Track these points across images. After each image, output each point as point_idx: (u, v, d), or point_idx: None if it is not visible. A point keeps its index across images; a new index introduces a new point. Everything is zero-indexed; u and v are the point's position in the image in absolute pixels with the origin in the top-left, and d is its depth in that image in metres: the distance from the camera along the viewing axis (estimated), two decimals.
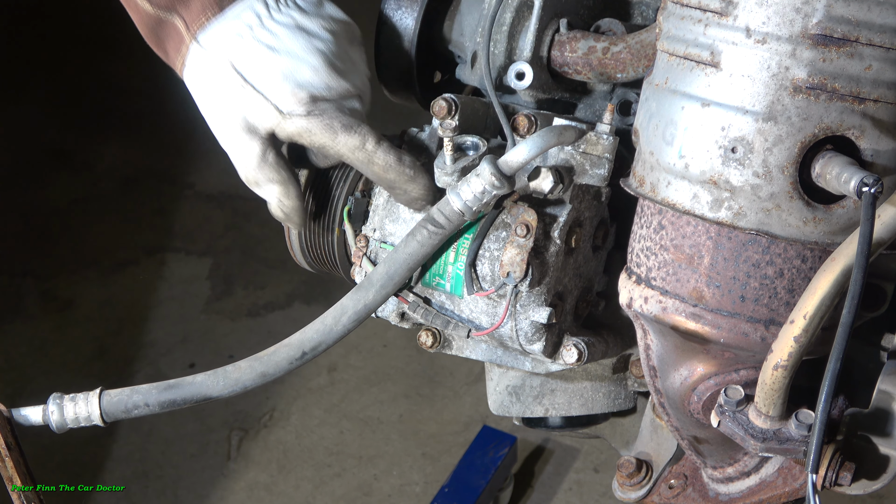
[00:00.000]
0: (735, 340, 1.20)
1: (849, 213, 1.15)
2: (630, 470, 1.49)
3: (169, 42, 1.34)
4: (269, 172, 1.36)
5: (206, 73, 1.33)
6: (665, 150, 1.20)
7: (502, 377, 1.54)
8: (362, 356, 3.50)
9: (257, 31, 1.32)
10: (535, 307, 1.33)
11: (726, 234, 1.18)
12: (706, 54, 1.16)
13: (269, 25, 1.32)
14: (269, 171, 1.36)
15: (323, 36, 1.34)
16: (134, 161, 4.38)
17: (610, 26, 1.43)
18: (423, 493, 3.07)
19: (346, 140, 1.33)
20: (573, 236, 1.35)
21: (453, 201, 1.27)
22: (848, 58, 1.11)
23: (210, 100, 1.34)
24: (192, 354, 3.51)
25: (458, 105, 1.33)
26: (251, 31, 1.32)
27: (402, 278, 1.32)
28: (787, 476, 1.33)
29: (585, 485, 3.10)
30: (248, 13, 1.32)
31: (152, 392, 1.31)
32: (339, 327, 1.31)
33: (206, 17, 1.31)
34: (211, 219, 4.08)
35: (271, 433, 3.27)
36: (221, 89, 1.32)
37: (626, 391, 1.54)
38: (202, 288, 3.80)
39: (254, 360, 1.31)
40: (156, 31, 1.34)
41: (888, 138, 1.14)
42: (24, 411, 1.30)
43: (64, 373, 3.42)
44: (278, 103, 1.31)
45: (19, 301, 3.74)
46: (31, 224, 4.09)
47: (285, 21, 1.33)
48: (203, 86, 1.34)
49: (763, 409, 1.16)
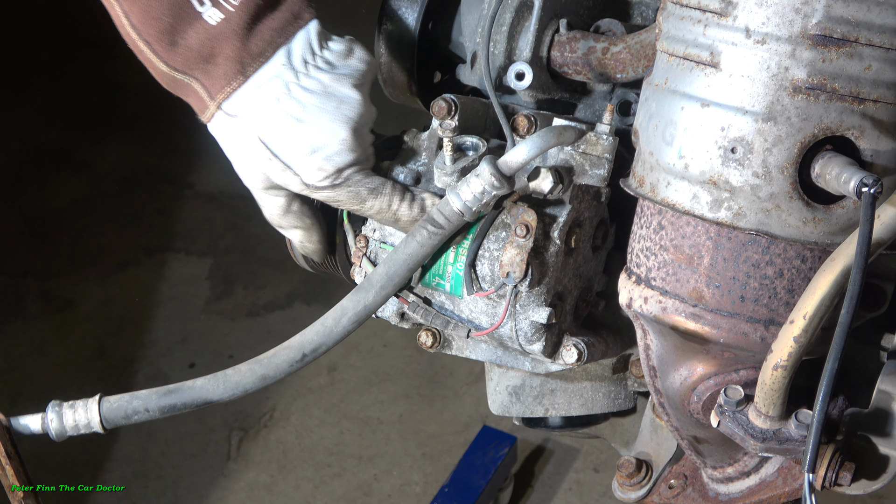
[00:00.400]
0: (735, 340, 1.20)
1: (848, 213, 1.16)
2: (630, 470, 1.49)
3: (189, 99, 1.29)
4: (293, 220, 1.39)
5: (233, 137, 1.29)
6: (665, 150, 1.20)
7: (502, 377, 1.54)
8: (362, 356, 3.50)
9: (284, 102, 1.27)
10: (534, 307, 1.33)
11: (726, 234, 1.18)
12: (706, 55, 1.16)
13: (297, 94, 1.27)
14: (293, 219, 1.39)
15: (351, 97, 1.29)
16: (134, 161, 4.38)
17: (610, 26, 1.43)
18: (423, 493, 3.07)
19: (373, 204, 1.33)
20: (573, 236, 1.35)
21: (453, 202, 1.27)
22: (847, 58, 1.11)
23: (237, 159, 1.32)
24: (192, 354, 3.51)
25: (458, 105, 1.33)
26: (278, 103, 1.26)
27: (402, 279, 1.32)
28: (787, 476, 1.33)
29: (585, 485, 3.10)
30: (276, 82, 1.26)
31: (152, 397, 1.30)
32: (339, 329, 1.31)
33: (230, 87, 1.26)
34: (211, 219, 4.08)
35: (271, 433, 3.27)
36: (249, 156, 1.30)
37: (626, 391, 1.54)
38: (202, 288, 3.81)
39: (254, 363, 1.31)
40: (172, 87, 1.29)
41: (888, 138, 1.14)
42: (24, 420, 1.29)
43: (64, 373, 3.42)
44: (305, 177, 1.29)
45: (19, 301, 3.74)
46: (31, 224, 4.09)
47: (314, 87, 1.28)
48: (230, 146, 1.31)
49: (763, 409, 1.16)
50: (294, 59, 1.27)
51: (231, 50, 1.24)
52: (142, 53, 1.26)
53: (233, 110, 1.28)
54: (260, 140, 1.28)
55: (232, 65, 1.25)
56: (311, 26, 1.28)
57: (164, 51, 1.24)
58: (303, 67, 1.28)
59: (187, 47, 1.24)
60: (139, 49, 1.26)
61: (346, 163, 1.30)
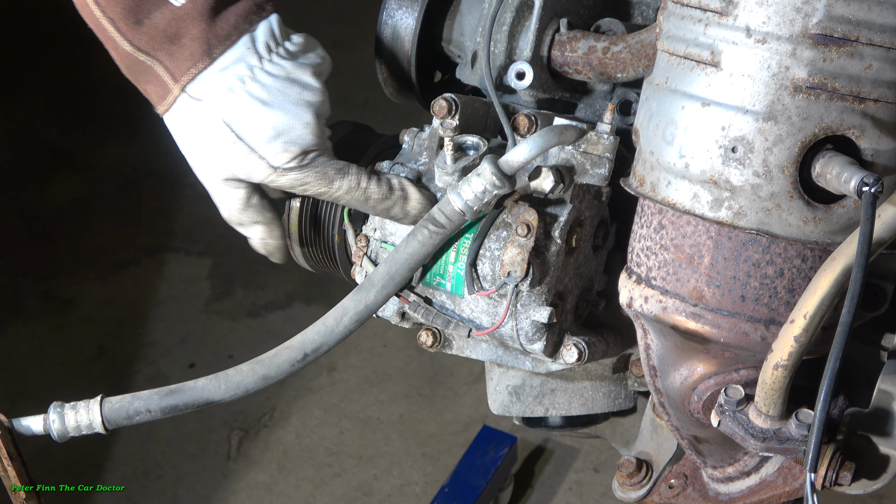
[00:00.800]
0: (735, 340, 1.20)
1: (849, 212, 1.16)
2: (630, 470, 1.49)
3: (149, 85, 1.29)
4: (254, 215, 1.38)
5: (195, 123, 1.29)
6: (665, 149, 1.20)
7: (503, 377, 1.54)
8: (362, 356, 3.49)
9: (249, 85, 1.28)
10: (535, 307, 1.33)
11: (726, 233, 1.18)
12: (706, 54, 1.16)
13: (261, 78, 1.28)
14: (254, 213, 1.38)
15: (313, 86, 1.31)
16: (134, 161, 4.37)
17: (610, 26, 1.43)
18: (423, 493, 3.07)
19: (342, 184, 1.33)
20: (574, 236, 1.35)
21: (454, 201, 1.27)
22: (848, 57, 1.12)
23: (197, 148, 1.31)
24: (192, 354, 3.51)
25: (459, 105, 1.33)
26: (243, 85, 1.27)
27: (403, 278, 1.32)
28: (788, 476, 1.33)
29: (585, 485, 3.10)
30: (240, 66, 1.27)
31: (153, 398, 1.30)
32: (340, 328, 1.31)
33: (195, 68, 1.26)
34: (211, 219, 4.04)
35: (271, 433, 3.27)
36: (211, 142, 1.29)
37: (626, 391, 1.54)
38: (202, 288, 3.80)
39: (255, 363, 1.31)
40: (133, 72, 1.29)
41: (888, 138, 1.14)
42: (25, 421, 1.29)
43: (64, 373, 3.42)
44: (271, 160, 1.29)
45: (19, 301, 3.73)
46: (31, 224, 4.09)
47: (277, 72, 1.29)
48: (190, 134, 1.30)
49: (763, 409, 1.16)
50: (258, 44, 1.28)
51: (197, 31, 1.25)
52: (104, 32, 1.25)
53: (197, 93, 1.28)
54: (224, 123, 1.28)
55: (198, 45, 1.25)
56: (272, 18, 1.30)
57: (128, 29, 1.24)
58: (266, 54, 1.29)
59: (153, 26, 1.24)
60: (101, 28, 1.25)
61: (311, 145, 1.31)
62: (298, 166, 1.31)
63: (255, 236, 1.41)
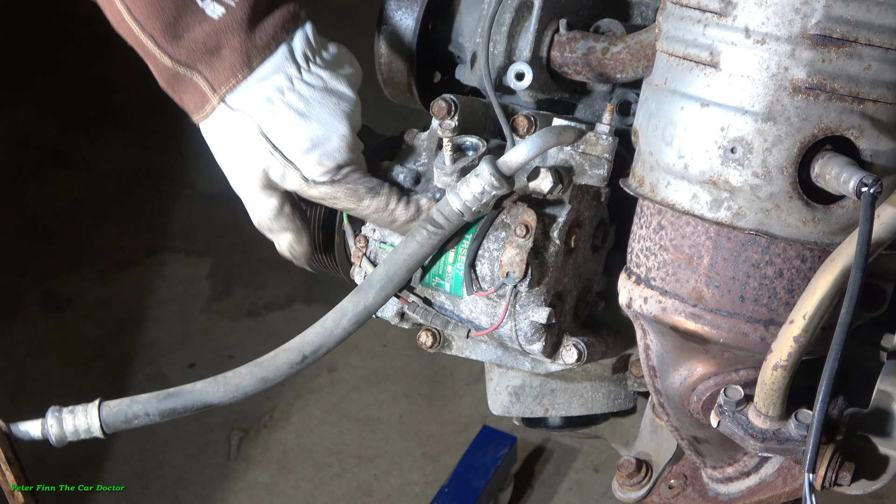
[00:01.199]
0: (734, 340, 1.20)
1: (848, 213, 1.16)
2: (630, 470, 1.49)
3: (187, 95, 1.29)
4: (285, 223, 1.38)
5: (232, 133, 1.29)
6: (664, 150, 1.20)
7: (502, 377, 1.54)
8: (362, 356, 3.49)
9: (288, 96, 1.28)
10: (534, 307, 1.33)
11: (726, 234, 1.18)
12: (705, 55, 1.16)
13: (300, 89, 1.28)
14: (285, 221, 1.38)
15: (349, 97, 1.31)
16: (134, 161, 4.37)
17: (609, 27, 1.43)
18: (423, 493, 3.07)
19: (370, 203, 1.33)
20: (572, 236, 1.35)
21: (452, 202, 1.27)
22: (847, 58, 1.11)
23: (232, 157, 1.32)
24: (192, 354, 3.51)
25: (458, 105, 1.33)
26: (282, 96, 1.28)
27: (402, 279, 1.32)
28: (787, 476, 1.33)
29: (585, 485, 3.10)
30: (279, 76, 1.27)
31: (152, 401, 1.30)
32: (339, 330, 1.31)
33: (235, 79, 1.26)
34: (211, 219, 4.07)
35: (271, 433, 3.27)
36: (247, 151, 1.30)
37: (625, 391, 1.54)
38: (202, 288, 3.80)
39: (254, 366, 1.31)
40: (172, 84, 1.29)
41: (887, 138, 1.14)
42: (23, 426, 1.28)
43: (64, 373, 3.42)
44: (305, 171, 1.30)
45: (19, 301, 3.73)
46: (31, 224, 4.09)
47: (315, 83, 1.29)
48: (226, 143, 1.31)
49: (763, 409, 1.16)
50: (297, 54, 1.29)
51: (237, 42, 1.25)
52: (143, 48, 1.26)
53: (236, 103, 1.28)
54: (261, 133, 1.28)
55: (238, 56, 1.26)
56: (308, 27, 1.30)
57: (168, 44, 1.25)
58: (305, 63, 1.29)
59: (192, 40, 1.24)
60: (141, 44, 1.26)
61: (346, 160, 1.31)
62: (330, 181, 1.31)
63: (284, 243, 1.42)
